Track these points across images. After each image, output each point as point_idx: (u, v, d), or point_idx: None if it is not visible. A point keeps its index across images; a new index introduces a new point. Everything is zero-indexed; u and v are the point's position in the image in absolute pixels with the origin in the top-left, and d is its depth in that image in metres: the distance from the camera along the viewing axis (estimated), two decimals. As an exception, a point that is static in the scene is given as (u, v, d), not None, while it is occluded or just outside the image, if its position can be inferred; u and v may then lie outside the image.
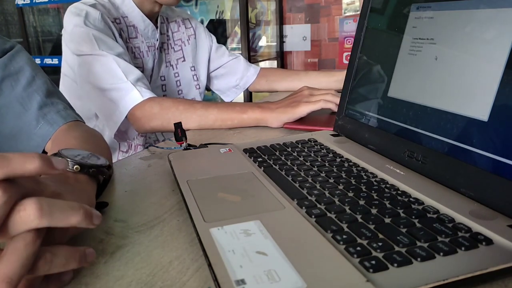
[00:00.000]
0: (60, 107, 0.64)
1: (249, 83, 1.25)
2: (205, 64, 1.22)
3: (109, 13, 0.97)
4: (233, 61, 1.25)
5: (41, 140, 0.61)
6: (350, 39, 2.40)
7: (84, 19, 0.90)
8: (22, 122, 0.61)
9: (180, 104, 0.84)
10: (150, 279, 0.33)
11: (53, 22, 3.23)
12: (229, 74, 1.26)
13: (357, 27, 0.63)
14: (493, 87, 0.39)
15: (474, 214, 0.36)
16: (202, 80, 1.21)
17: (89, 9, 0.93)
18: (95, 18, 0.92)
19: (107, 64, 0.87)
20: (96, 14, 0.92)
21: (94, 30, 0.90)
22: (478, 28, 0.43)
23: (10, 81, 0.62)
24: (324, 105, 0.77)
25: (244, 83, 1.25)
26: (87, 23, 0.90)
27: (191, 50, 1.18)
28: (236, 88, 1.27)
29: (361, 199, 0.41)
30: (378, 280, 0.28)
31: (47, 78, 0.67)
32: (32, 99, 0.62)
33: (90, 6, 0.94)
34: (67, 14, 0.94)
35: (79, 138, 0.57)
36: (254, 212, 0.39)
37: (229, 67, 1.25)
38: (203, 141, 0.68)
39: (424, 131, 0.47)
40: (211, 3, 2.66)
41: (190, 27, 1.20)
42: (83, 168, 0.43)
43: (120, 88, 0.85)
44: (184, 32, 1.18)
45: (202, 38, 1.22)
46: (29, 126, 0.61)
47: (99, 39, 0.89)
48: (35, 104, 0.62)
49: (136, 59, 1.02)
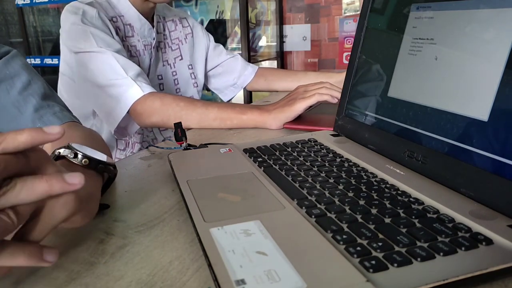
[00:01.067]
0: (57, 109, 0.64)
1: (246, 82, 1.25)
2: (202, 63, 1.22)
3: (106, 12, 0.97)
4: (231, 60, 1.25)
5: None
6: (350, 39, 2.40)
7: (81, 17, 0.91)
8: (18, 125, 0.61)
9: (181, 100, 0.84)
10: (150, 279, 0.33)
11: (53, 22, 3.23)
12: (226, 72, 1.26)
13: (357, 27, 0.63)
14: (493, 87, 0.39)
15: (474, 214, 0.36)
16: (199, 78, 1.21)
17: (86, 7, 0.93)
18: (92, 16, 0.92)
19: (106, 60, 0.87)
20: (93, 12, 0.93)
21: (92, 27, 0.90)
22: (478, 28, 0.43)
23: (6, 85, 0.62)
24: (319, 98, 0.77)
25: (241, 82, 1.25)
26: (84, 21, 0.90)
27: (188, 48, 1.18)
28: (233, 87, 1.27)
29: (361, 199, 0.41)
30: (378, 280, 0.28)
31: (44, 81, 0.67)
32: (27, 103, 0.62)
33: (87, 4, 0.94)
34: (64, 13, 0.94)
35: (78, 138, 0.57)
36: (254, 212, 0.39)
37: (227, 66, 1.25)
38: (203, 141, 0.68)
39: (424, 131, 0.47)
40: (211, 3, 2.66)
41: (187, 26, 1.20)
42: (91, 163, 0.43)
43: (120, 83, 0.85)
44: (182, 31, 1.18)
45: (200, 36, 1.22)
46: None
47: (97, 36, 0.89)
48: (31, 107, 0.62)
49: (133, 58, 1.02)
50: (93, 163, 0.43)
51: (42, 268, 0.35)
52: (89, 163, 0.42)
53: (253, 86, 1.26)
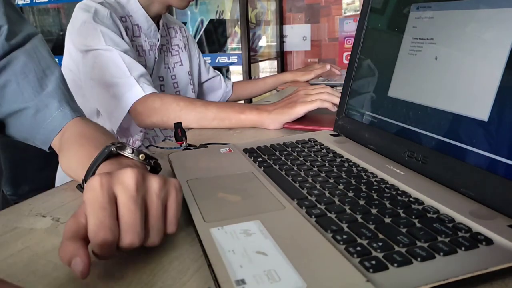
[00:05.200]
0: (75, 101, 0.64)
1: (228, 96, 1.41)
2: (197, 73, 1.30)
3: (115, 12, 0.99)
4: (217, 78, 1.38)
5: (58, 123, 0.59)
6: (350, 39, 2.40)
7: (93, 15, 0.92)
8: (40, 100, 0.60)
9: (181, 100, 0.85)
10: (150, 279, 0.33)
11: (53, 22, 3.23)
12: (214, 88, 1.38)
13: (357, 27, 0.63)
14: (493, 87, 0.39)
15: (474, 214, 0.36)
16: (196, 85, 1.28)
17: (98, 6, 0.95)
18: (104, 15, 0.94)
19: (112, 59, 0.88)
20: (105, 12, 0.95)
21: (102, 26, 0.92)
22: (478, 28, 0.43)
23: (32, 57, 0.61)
24: (320, 104, 0.77)
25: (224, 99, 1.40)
26: (96, 19, 0.92)
27: (187, 56, 1.24)
28: None
29: (361, 199, 0.41)
30: (378, 280, 0.28)
31: None
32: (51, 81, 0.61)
33: (99, 3, 0.96)
34: (76, 10, 0.96)
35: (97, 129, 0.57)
36: (254, 212, 0.39)
37: (215, 82, 1.38)
38: (203, 141, 0.68)
39: (424, 131, 0.47)
40: (211, 3, 2.66)
41: (185, 36, 1.26)
42: (147, 158, 0.44)
43: (123, 83, 0.87)
44: (181, 39, 1.23)
45: (194, 48, 1.30)
46: (51, 105, 0.60)
47: (107, 35, 0.91)
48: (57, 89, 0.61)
49: (140, 57, 1.05)
50: (148, 158, 0.45)
51: (42, 268, 0.35)
52: (145, 158, 0.44)
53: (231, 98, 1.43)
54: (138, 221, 0.33)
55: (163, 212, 0.35)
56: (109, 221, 0.32)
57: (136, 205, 0.33)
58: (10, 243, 0.40)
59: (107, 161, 0.43)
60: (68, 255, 0.31)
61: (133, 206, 0.33)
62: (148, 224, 0.34)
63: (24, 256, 0.37)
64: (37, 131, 0.60)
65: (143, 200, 0.34)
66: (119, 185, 0.33)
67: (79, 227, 0.33)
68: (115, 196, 0.33)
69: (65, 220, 0.44)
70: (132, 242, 0.33)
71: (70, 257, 0.30)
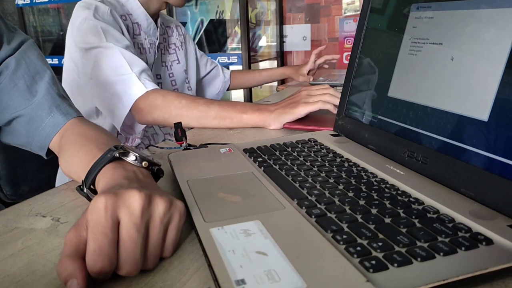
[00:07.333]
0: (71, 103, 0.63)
1: (227, 86, 1.44)
2: (194, 70, 1.30)
3: (115, 10, 0.99)
4: (215, 69, 1.40)
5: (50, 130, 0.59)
6: (350, 39, 2.40)
7: (93, 12, 0.93)
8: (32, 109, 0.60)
9: (183, 98, 0.85)
10: (150, 279, 0.33)
11: (53, 22, 3.23)
12: (213, 80, 1.41)
13: (357, 27, 0.63)
14: (493, 87, 0.39)
15: (474, 214, 0.36)
16: (192, 83, 1.29)
17: (99, 4, 0.95)
18: (104, 12, 0.95)
19: (113, 56, 0.88)
20: (106, 9, 0.95)
21: (103, 22, 0.92)
22: (478, 28, 0.43)
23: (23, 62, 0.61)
24: (322, 106, 0.77)
25: (223, 88, 1.44)
26: (96, 16, 0.92)
27: (184, 54, 1.25)
28: (217, 94, 1.44)
29: (361, 199, 0.41)
30: (378, 280, 0.28)
31: None
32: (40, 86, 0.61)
33: (99, 1, 0.96)
34: (77, 8, 0.96)
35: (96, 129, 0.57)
36: (254, 212, 0.39)
37: (214, 74, 1.40)
38: (203, 141, 0.68)
39: (424, 131, 0.47)
40: (211, 3, 2.66)
41: (181, 34, 1.27)
42: (150, 165, 0.44)
43: (124, 80, 0.86)
44: (178, 38, 1.25)
45: (190, 45, 1.31)
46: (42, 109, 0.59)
47: (107, 31, 0.91)
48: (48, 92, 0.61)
49: (141, 55, 1.05)
50: (151, 165, 0.44)
51: (42, 268, 0.35)
52: (148, 165, 0.44)
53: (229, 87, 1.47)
54: (138, 251, 0.32)
55: (163, 238, 0.35)
56: (108, 249, 0.31)
57: (138, 234, 0.32)
58: (10, 243, 0.40)
59: (109, 164, 0.42)
60: (65, 274, 0.30)
61: (135, 234, 0.32)
62: (147, 250, 0.33)
63: (24, 256, 0.37)
64: (33, 138, 0.60)
65: (147, 224, 0.34)
66: (125, 208, 0.33)
67: (79, 241, 0.32)
68: (119, 220, 0.32)
69: (65, 220, 0.44)
70: (130, 272, 0.32)
71: (68, 277, 0.30)
